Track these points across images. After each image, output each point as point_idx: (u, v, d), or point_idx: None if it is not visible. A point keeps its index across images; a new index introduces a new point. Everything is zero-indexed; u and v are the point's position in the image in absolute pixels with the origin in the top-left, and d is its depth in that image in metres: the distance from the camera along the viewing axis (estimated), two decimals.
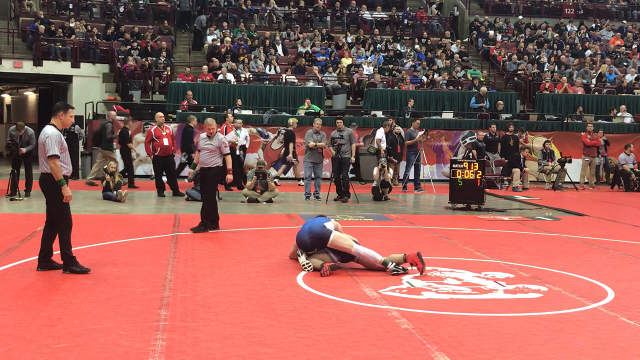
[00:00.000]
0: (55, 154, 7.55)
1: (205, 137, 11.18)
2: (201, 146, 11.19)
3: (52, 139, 7.58)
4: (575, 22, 32.00)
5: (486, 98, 23.34)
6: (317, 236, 8.11)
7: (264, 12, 29.64)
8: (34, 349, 5.16)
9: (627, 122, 23.57)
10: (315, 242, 8.14)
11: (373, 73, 24.91)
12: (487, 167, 18.33)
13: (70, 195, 7.67)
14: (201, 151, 11.17)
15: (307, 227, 8.27)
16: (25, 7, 27.19)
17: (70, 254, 7.75)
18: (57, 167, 7.56)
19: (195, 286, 7.21)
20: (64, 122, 7.90)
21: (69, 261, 7.73)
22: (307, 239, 8.17)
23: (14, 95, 33.27)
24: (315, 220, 8.34)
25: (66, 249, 7.75)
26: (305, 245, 8.20)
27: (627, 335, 5.88)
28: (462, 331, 5.83)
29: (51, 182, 7.63)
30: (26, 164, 14.92)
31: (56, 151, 7.56)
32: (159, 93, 24.06)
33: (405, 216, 13.49)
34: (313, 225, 8.23)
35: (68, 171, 7.86)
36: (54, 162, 7.55)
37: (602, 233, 11.70)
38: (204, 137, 11.21)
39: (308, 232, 8.18)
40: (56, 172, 7.56)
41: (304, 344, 5.41)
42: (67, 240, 7.76)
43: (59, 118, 7.83)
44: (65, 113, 7.84)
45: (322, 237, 8.09)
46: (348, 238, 8.17)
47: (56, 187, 7.61)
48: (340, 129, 15.61)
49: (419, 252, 8.09)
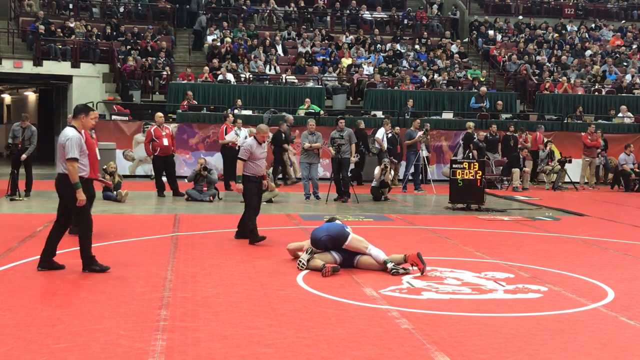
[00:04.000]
0: (74, 156, 7.56)
1: (259, 146, 10.22)
2: (258, 155, 10.16)
3: (72, 141, 7.59)
4: (575, 22, 32.00)
5: (486, 98, 23.34)
6: (335, 236, 8.27)
7: (264, 12, 29.64)
8: (34, 349, 5.17)
9: (627, 122, 23.57)
10: (329, 242, 8.26)
11: (373, 73, 24.92)
12: (487, 167, 18.34)
13: (83, 199, 7.65)
14: (258, 160, 10.15)
15: (325, 227, 8.46)
16: (25, 7, 27.18)
17: (89, 253, 7.74)
18: (75, 170, 7.57)
19: (195, 286, 7.21)
20: (85, 125, 7.90)
21: (88, 260, 7.74)
22: (323, 236, 8.27)
23: (14, 95, 33.26)
24: (336, 223, 8.55)
25: (86, 248, 7.73)
26: (318, 244, 8.29)
27: (627, 335, 5.88)
28: (462, 331, 5.83)
29: (69, 184, 7.62)
30: (26, 164, 14.92)
31: (76, 154, 7.56)
32: (159, 93, 24.05)
33: (405, 216, 13.49)
34: (332, 226, 8.43)
35: (86, 173, 7.87)
36: (72, 164, 7.56)
37: (602, 233, 11.70)
38: (256, 144, 10.19)
39: (326, 231, 8.33)
40: (73, 175, 7.57)
41: (304, 344, 5.42)
42: (86, 240, 7.75)
43: (80, 120, 7.84)
44: (86, 115, 7.86)
45: (340, 237, 8.25)
46: (363, 240, 8.36)
47: (72, 189, 7.60)
48: (340, 129, 15.61)
49: (419, 253, 8.12)
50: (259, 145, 10.19)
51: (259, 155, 10.18)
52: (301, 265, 8.11)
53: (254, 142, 10.16)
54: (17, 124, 15.01)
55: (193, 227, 11.30)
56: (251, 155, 10.07)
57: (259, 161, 10.20)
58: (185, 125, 20.59)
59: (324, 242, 8.27)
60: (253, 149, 10.08)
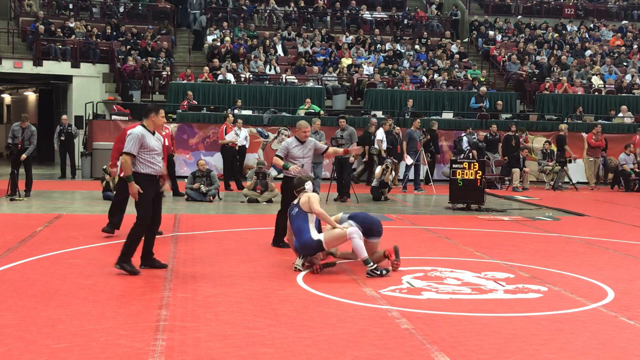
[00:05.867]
0: (129, 151, 7.59)
1: (299, 144, 9.28)
2: (296, 155, 9.24)
3: (132, 136, 7.64)
4: (575, 22, 32.00)
5: (486, 98, 23.35)
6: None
7: (264, 12, 29.65)
8: (34, 349, 5.16)
9: (627, 122, 23.57)
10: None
11: (373, 73, 24.92)
12: (487, 167, 18.34)
13: (135, 192, 7.63)
14: (297, 160, 9.20)
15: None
16: (25, 7, 27.18)
17: (130, 251, 7.71)
18: (128, 163, 7.60)
19: (195, 286, 7.21)
20: (156, 123, 7.89)
21: (124, 257, 7.70)
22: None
23: (14, 95, 33.27)
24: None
25: (129, 245, 7.71)
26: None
27: (627, 335, 5.88)
28: (462, 331, 5.83)
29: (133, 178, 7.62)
30: (26, 164, 14.92)
31: (131, 149, 7.58)
32: (159, 93, 24.07)
33: (405, 216, 13.49)
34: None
35: (155, 171, 7.81)
36: (124, 158, 7.62)
37: (602, 233, 11.70)
38: (295, 142, 9.29)
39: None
40: (125, 168, 7.62)
41: (304, 344, 5.41)
42: (136, 238, 7.73)
43: (151, 119, 7.84)
44: (157, 114, 7.85)
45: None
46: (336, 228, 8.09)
47: (136, 184, 7.61)
48: (343, 128, 15.61)
49: (395, 246, 8.22)
50: (299, 144, 9.25)
51: (298, 154, 9.19)
52: (297, 269, 8.07)
53: (293, 140, 9.27)
54: (17, 124, 15.02)
55: (193, 227, 11.30)
56: (288, 154, 9.18)
57: (297, 161, 9.17)
58: (185, 125, 20.60)
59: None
60: (290, 148, 9.16)
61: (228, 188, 17.09)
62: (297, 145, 9.24)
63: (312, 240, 7.97)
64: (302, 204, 8.09)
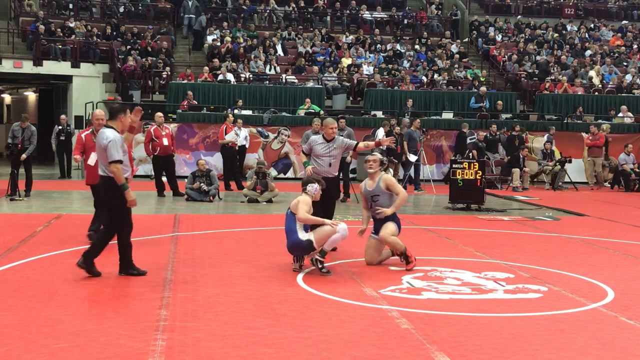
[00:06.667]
0: (119, 159, 7.44)
1: (324, 142, 9.09)
2: (318, 152, 9.07)
3: (114, 143, 7.45)
4: (575, 22, 32.00)
5: (486, 98, 23.35)
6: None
7: (264, 12, 29.65)
8: (34, 349, 5.16)
9: (627, 122, 23.57)
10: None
11: (373, 73, 24.92)
12: (487, 167, 18.34)
13: (134, 199, 7.58)
14: (319, 159, 9.06)
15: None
16: (25, 7, 27.19)
17: (130, 258, 7.69)
18: (120, 171, 7.45)
19: (195, 286, 7.21)
20: (125, 124, 7.78)
21: (127, 264, 7.69)
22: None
23: (14, 95, 33.27)
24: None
25: (127, 254, 7.69)
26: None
27: (627, 335, 5.87)
28: (462, 331, 5.83)
29: (112, 186, 7.51)
30: (26, 164, 14.93)
31: (120, 156, 7.46)
32: (159, 93, 24.06)
33: (405, 216, 13.46)
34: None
35: (129, 174, 7.76)
36: (116, 167, 7.44)
37: (602, 233, 11.70)
38: (320, 140, 9.12)
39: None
40: (119, 177, 7.45)
41: (304, 344, 5.41)
42: (128, 246, 7.71)
43: (120, 121, 7.71)
44: (125, 115, 7.74)
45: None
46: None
47: (118, 191, 7.49)
48: (342, 129, 15.59)
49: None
50: (324, 142, 9.07)
51: (320, 152, 9.03)
52: (295, 271, 8.07)
53: (319, 138, 9.17)
54: (17, 124, 15.03)
55: (193, 227, 11.30)
56: (312, 150, 9.10)
57: (321, 159, 9.04)
58: (185, 125, 20.60)
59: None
60: (314, 145, 9.05)
61: (228, 188, 17.08)
62: (322, 143, 9.08)
63: (300, 240, 7.94)
64: (292, 205, 8.09)
